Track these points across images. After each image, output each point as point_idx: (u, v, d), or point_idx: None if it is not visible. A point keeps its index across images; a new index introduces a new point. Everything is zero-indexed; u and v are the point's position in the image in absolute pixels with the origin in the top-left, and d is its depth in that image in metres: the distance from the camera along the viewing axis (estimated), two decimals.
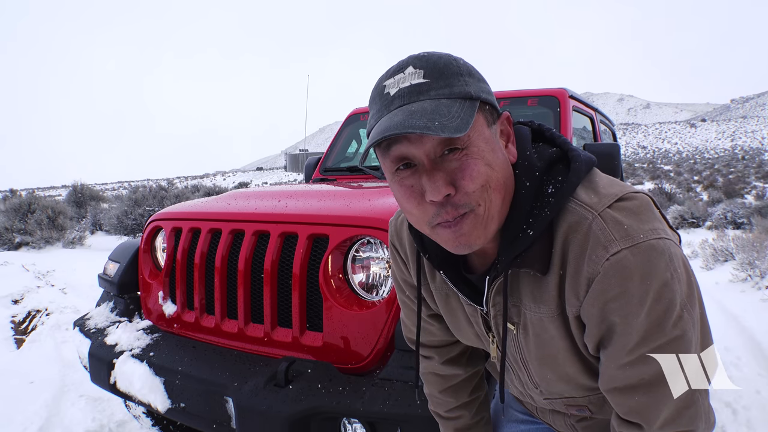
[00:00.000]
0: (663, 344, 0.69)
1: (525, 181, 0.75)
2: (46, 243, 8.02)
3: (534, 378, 0.90)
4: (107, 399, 2.59)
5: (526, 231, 0.73)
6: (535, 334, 0.81)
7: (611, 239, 0.68)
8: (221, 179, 78.24)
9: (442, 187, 0.68)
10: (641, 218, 0.70)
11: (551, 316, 0.77)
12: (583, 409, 0.93)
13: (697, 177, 35.94)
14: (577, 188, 0.74)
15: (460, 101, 0.67)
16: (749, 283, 5.13)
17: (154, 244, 2.11)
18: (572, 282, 0.72)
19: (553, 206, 0.72)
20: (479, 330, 0.92)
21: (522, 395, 1.03)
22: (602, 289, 0.69)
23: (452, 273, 0.85)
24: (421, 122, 0.63)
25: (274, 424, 1.34)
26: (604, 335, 0.73)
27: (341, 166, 3.18)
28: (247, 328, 1.70)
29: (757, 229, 7.91)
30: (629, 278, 0.67)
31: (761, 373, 2.98)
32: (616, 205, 0.71)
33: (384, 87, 0.71)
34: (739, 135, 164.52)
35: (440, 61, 0.70)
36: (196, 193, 15.85)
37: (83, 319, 2.17)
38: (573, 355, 0.81)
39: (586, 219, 0.71)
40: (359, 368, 1.50)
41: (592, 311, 0.72)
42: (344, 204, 1.74)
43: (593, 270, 0.69)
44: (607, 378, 0.76)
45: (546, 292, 0.76)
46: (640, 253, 0.67)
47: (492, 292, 0.81)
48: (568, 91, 2.77)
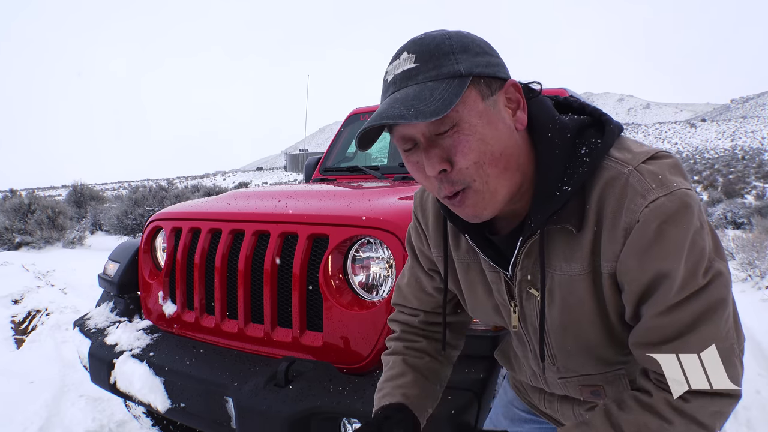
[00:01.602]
0: (694, 293, 0.71)
1: (557, 142, 0.77)
2: (46, 243, 8.03)
3: (553, 351, 0.90)
4: (107, 399, 2.59)
5: (563, 188, 0.75)
6: (562, 298, 0.82)
7: (649, 188, 0.70)
8: (221, 179, 78.23)
9: (436, 164, 0.72)
10: (674, 172, 0.73)
11: (582, 273, 0.78)
12: (598, 390, 0.93)
13: (697, 177, 35.92)
14: (612, 149, 0.77)
15: (447, 81, 0.69)
16: (749, 283, 5.13)
17: (154, 244, 2.11)
18: (609, 236, 0.73)
19: (589, 164, 0.75)
20: (500, 298, 0.92)
21: (535, 378, 1.02)
22: (641, 236, 0.70)
23: (476, 236, 0.86)
24: (397, 111, 0.67)
25: (274, 424, 1.34)
26: (645, 287, 0.73)
27: (341, 166, 3.18)
28: (247, 328, 1.70)
29: (757, 229, 7.91)
30: (667, 222, 0.69)
31: (761, 373, 2.98)
32: (650, 161, 0.74)
33: (386, 73, 0.75)
34: (739, 135, 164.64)
35: (432, 43, 0.71)
36: (196, 193, 15.85)
37: (83, 319, 2.17)
38: (598, 320, 0.81)
39: (623, 173, 0.73)
40: (359, 368, 1.50)
41: (630, 264, 0.73)
42: (344, 204, 1.74)
43: (631, 219, 0.71)
44: (643, 332, 0.76)
45: (578, 250, 0.77)
46: (676, 200, 0.69)
47: (522, 253, 0.82)
48: (567, 91, 2.77)
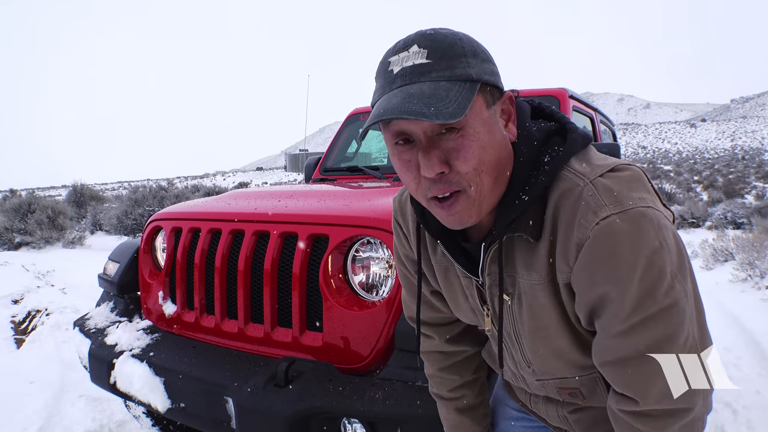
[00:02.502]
0: (654, 314, 0.69)
1: (523, 150, 0.77)
2: (46, 243, 8.03)
3: (527, 355, 0.90)
4: (107, 399, 2.59)
5: (521, 197, 0.75)
6: (528, 304, 0.82)
7: (601, 204, 0.69)
8: (221, 179, 78.26)
9: (436, 165, 0.70)
10: (631, 187, 0.71)
11: (542, 283, 0.78)
12: (576, 392, 0.93)
13: (697, 177, 35.92)
14: (572, 159, 0.76)
15: (461, 84, 0.68)
16: (749, 283, 5.13)
17: (154, 244, 2.11)
18: (562, 248, 0.73)
19: (548, 173, 0.74)
20: (473, 303, 0.93)
21: (515, 378, 1.03)
22: (592, 253, 0.70)
23: (450, 243, 0.86)
24: (417, 107, 0.65)
25: (274, 424, 1.34)
26: (594, 304, 0.73)
27: (341, 166, 3.18)
28: (247, 328, 1.70)
29: (757, 229, 7.91)
30: (619, 243, 0.68)
31: (761, 373, 2.98)
32: (608, 174, 0.73)
33: (389, 63, 0.72)
34: (739, 135, 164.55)
35: (444, 41, 0.70)
36: (196, 193, 15.85)
37: (83, 319, 2.17)
38: (564, 326, 0.81)
39: (578, 186, 0.73)
40: (359, 368, 1.50)
41: (582, 277, 0.72)
42: (344, 204, 1.74)
43: (583, 234, 0.70)
44: (601, 350, 0.77)
45: (537, 259, 0.77)
46: (629, 219, 0.68)
47: (487, 260, 0.83)
48: (568, 91, 2.78)
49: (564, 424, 1.01)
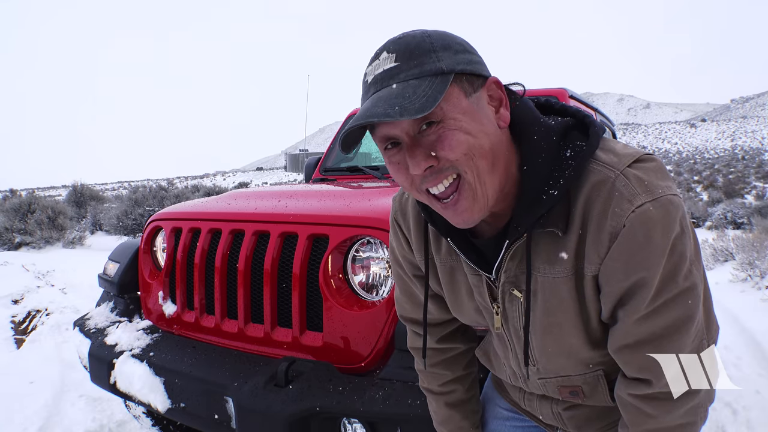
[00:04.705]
0: (675, 296, 0.73)
1: (543, 146, 0.78)
2: (46, 243, 8.03)
3: (534, 352, 0.90)
4: (107, 399, 2.59)
5: (549, 192, 0.75)
6: (544, 299, 0.82)
7: (635, 193, 0.71)
8: (221, 179, 78.25)
9: (421, 162, 0.72)
10: (658, 176, 0.74)
11: (566, 276, 0.79)
12: (577, 391, 0.93)
13: (697, 177, 35.90)
14: (597, 151, 0.78)
15: (430, 78, 0.69)
16: (749, 283, 5.13)
17: (154, 244, 2.11)
18: (594, 239, 0.74)
19: (575, 168, 0.75)
20: (482, 301, 0.92)
21: (515, 377, 1.03)
22: (627, 241, 0.71)
23: (459, 240, 0.87)
24: (381, 109, 0.67)
25: (274, 424, 1.34)
26: (627, 292, 0.75)
27: (341, 166, 3.18)
28: (247, 328, 1.70)
29: (757, 229, 7.91)
30: (653, 229, 0.70)
31: (761, 373, 2.98)
32: (635, 165, 0.75)
33: (365, 75, 0.75)
34: (739, 135, 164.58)
35: (412, 42, 0.71)
36: (196, 193, 15.85)
37: (83, 319, 2.17)
38: (579, 323, 0.82)
39: (610, 177, 0.74)
40: (359, 368, 1.50)
41: (615, 266, 0.74)
42: (344, 204, 1.74)
43: (617, 223, 0.72)
44: (620, 335, 0.78)
45: (562, 252, 0.78)
46: (661, 206, 0.71)
47: (508, 256, 0.83)
48: (568, 91, 2.77)
49: (557, 421, 1.02)
